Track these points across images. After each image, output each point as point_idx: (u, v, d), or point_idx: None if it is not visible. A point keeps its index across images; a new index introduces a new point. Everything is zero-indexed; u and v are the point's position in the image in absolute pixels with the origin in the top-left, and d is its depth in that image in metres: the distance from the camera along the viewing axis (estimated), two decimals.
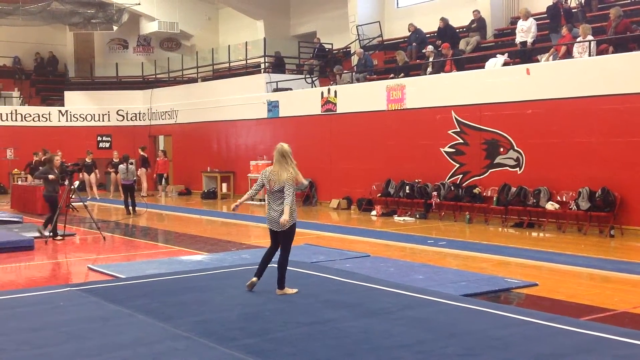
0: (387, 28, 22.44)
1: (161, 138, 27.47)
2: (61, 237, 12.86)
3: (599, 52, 13.82)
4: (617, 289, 8.34)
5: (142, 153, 23.47)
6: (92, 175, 23.10)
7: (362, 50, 20.22)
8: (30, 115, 26.86)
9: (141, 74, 28.42)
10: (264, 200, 19.21)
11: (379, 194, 17.27)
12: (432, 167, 16.19)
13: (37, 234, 12.76)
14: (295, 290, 7.81)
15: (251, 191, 8.10)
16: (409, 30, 19.48)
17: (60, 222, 12.99)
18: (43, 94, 29.31)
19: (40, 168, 15.17)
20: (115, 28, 28.22)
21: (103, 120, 27.44)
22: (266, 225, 8.01)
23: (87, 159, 23.06)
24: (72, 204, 15.45)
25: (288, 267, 7.81)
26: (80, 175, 22.86)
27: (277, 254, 7.82)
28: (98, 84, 28.75)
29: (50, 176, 13.06)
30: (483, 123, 15.17)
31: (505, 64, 15.44)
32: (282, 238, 7.73)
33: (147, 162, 23.61)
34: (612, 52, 13.58)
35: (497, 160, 14.92)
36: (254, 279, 7.87)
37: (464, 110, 15.57)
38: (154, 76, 28.36)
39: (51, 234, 12.84)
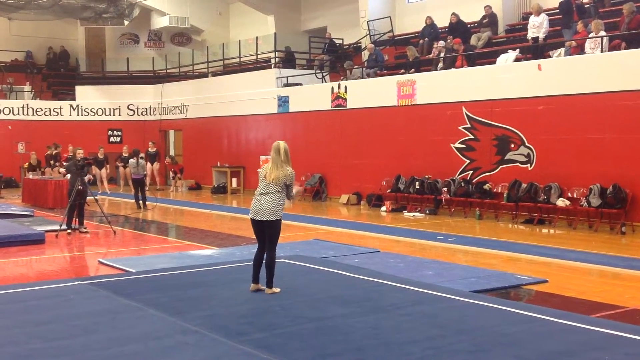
0: (398, 23, 22.38)
1: (171, 133, 27.57)
2: (71, 231, 12.94)
3: (612, 48, 13.73)
4: (628, 286, 8.30)
5: (150, 150, 23.61)
6: (103, 170, 23.30)
7: (372, 45, 20.17)
8: (42, 110, 26.98)
9: (152, 69, 28.50)
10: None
11: (389, 190, 17.25)
12: (443, 163, 16.14)
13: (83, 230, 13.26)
14: (279, 289, 7.56)
15: None
16: (426, 23, 19.36)
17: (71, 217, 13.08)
18: (54, 88, 29.44)
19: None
20: (126, 23, 28.28)
21: (114, 115, 27.55)
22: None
23: (99, 155, 23.22)
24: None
25: (297, 263, 7.80)
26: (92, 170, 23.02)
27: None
28: (109, 79, 28.83)
29: (61, 170, 13.26)
30: (494, 119, 15.11)
31: (517, 59, 15.37)
32: (268, 232, 7.43)
33: (155, 157, 23.74)
34: (625, 48, 13.49)
35: (508, 156, 14.86)
36: (253, 286, 7.63)
37: (475, 105, 15.51)
38: (164, 71, 28.43)
39: (68, 226, 13.01)
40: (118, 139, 26.99)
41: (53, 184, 18.20)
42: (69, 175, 13.28)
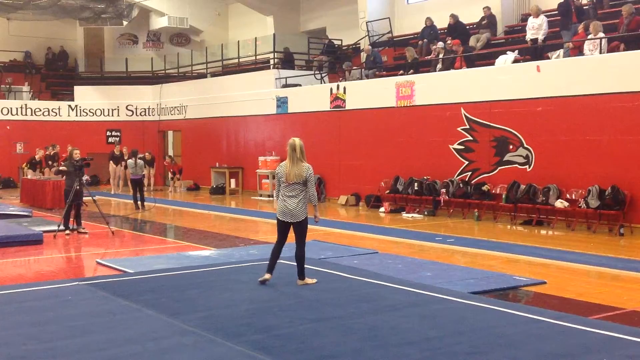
0: (397, 24, 22.39)
1: (170, 133, 27.55)
2: (69, 232, 12.92)
3: (610, 50, 13.74)
4: (626, 288, 8.30)
5: (147, 158, 23.54)
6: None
7: (370, 47, 20.17)
8: (40, 110, 26.96)
9: (151, 69, 28.50)
10: (272, 197, 19.24)
11: (388, 191, 17.24)
12: (441, 164, 16.14)
13: (82, 231, 13.25)
14: (314, 280, 8.05)
15: (275, 192, 8.35)
16: (426, 24, 19.35)
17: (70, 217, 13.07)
18: (53, 88, 29.43)
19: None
20: (125, 23, 28.27)
21: (112, 115, 27.55)
22: (274, 221, 8.05)
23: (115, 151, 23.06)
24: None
25: (296, 264, 7.86)
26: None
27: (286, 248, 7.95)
28: (108, 79, 28.83)
29: (62, 167, 13.27)
30: (493, 120, 15.11)
31: (516, 61, 15.38)
32: (297, 230, 7.95)
33: (152, 163, 23.65)
34: (624, 50, 13.50)
35: (507, 157, 14.86)
36: (267, 275, 7.99)
37: (474, 107, 15.51)
38: (163, 71, 28.43)
39: (66, 227, 12.95)
40: (117, 140, 26.97)
41: (51, 184, 18.18)
42: (62, 167, 13.29)
